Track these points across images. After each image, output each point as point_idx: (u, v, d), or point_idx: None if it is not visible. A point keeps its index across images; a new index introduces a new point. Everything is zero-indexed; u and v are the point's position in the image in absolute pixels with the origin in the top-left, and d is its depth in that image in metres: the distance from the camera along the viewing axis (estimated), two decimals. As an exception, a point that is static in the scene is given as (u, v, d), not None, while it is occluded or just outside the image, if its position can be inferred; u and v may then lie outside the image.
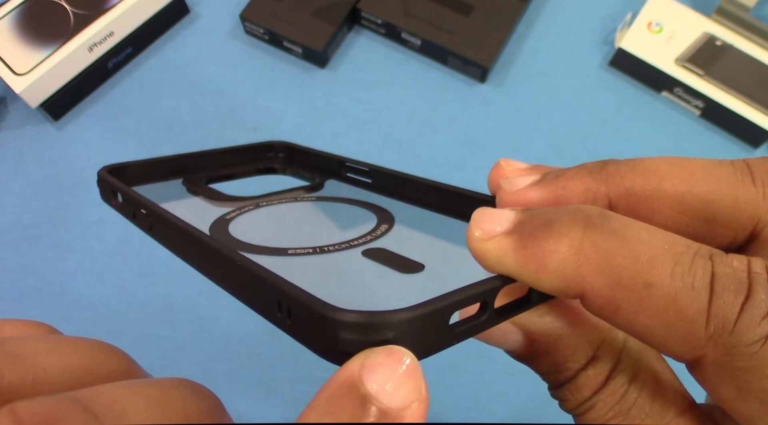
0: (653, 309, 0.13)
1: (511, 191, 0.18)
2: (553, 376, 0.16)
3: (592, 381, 0.15)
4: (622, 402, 0.15)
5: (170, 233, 0.19)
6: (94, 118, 0.55)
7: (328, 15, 0.55)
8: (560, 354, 0.15)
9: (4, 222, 0.52)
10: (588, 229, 0.14)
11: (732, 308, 0.12)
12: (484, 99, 0.56)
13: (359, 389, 0.13)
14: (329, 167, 0.27)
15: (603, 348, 0.15)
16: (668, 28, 0.55)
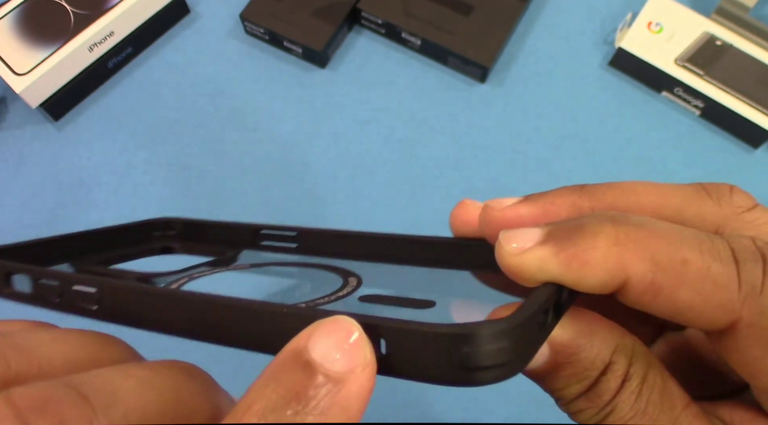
0: (692, 283, 0.14)
1: (499, 209, 0.18)
2: (571, 388, 0.16)
3: (612, 384, 0.16)
4: (638, 402, 0.15)
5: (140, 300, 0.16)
6: (94, 118, 0.55)
7: (328, 15, 0.55)
8: (581, 363, 0.16)
9: (4, 222, 0.52)
10: (617, 224, 0.15)
11: (757, 273, 0.14)
12: (484, 99, 0.56)
13: (303, 356, 0.13)
14: (239, 238, 0.24)
15: (617, 353, 0.16)
16: (668, 28, 0.55)
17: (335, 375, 0.13)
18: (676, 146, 0.54)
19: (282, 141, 0.54)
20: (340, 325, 0.14)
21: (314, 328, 0.14)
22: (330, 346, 0.13)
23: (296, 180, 0.53)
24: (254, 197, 0.53)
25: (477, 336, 0.13)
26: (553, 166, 0.53)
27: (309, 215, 0.52)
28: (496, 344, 0.13)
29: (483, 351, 0.13)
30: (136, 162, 0.54)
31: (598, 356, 0.16)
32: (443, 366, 0.13)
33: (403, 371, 0.14)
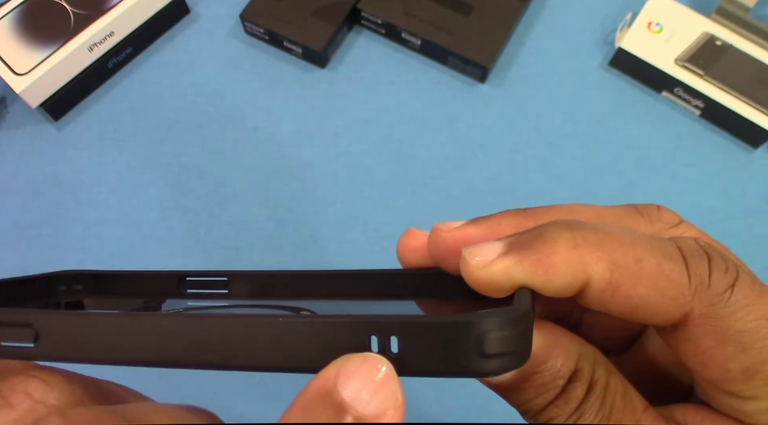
0: (647, 279, 0.15)
1: (447, 230, 0.18)
2: (540, 398, 0.16)
3: (579, 391, 0.16)
4: (603, 407, 0.16)
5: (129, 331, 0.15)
6: (94, 118, 0.55)
7: (328, 15, 0.55)
8: (549, 372, 0.16)
9: (4, 222, 0.52)
10: (573, 229, 0.16)
11: (704, 269, 0.15)
12: (484, 99, 0.56)
13: (334, 397, 0.13)
14: (161, 288, 0.22)
15: (581, 360, 0.17)
16: (668, 28, 0.55)
17: (368, 419, 0.13)
18: (676, 146, 0.54)
19: (282, 141, 0.54)
20: (371, 363, 0.13)
21: (342, 364, 0.14)
22: (360, 386, 0.13)
23: (296, 180, 0.53)
24: (254, 197, 0.53)
25: (488, 323, 0.13)
26: (553, 166, 0.53)
27: (309, 215, 0.52)
28: (505, 331, 0.13)
29: (494, 337, 0.13)
30: (136, 162, 0.54)
31: (564, 364, 0.16)
32: (458, 355, 0.13)
33: (418, 367, 0.14)
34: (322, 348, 0.14)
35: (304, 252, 0.51)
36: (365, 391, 0.13)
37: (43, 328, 0.15)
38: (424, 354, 0.14)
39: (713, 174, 0.53)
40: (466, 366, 0.13)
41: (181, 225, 0.52)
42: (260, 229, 0.52)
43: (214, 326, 0.15)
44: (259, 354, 0.14)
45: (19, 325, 0.15)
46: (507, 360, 0.14)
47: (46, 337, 0.15)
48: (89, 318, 0.15)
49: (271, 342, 0.14)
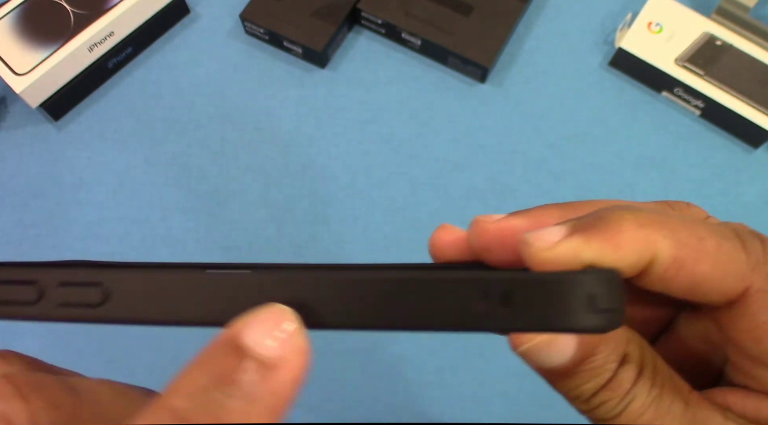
0: (709, 256, 0.16)
1: (492, 221, 0.19)
2: (592, 383, 0.17)
3: (630, 374, 0.16)
4: (653, 389, 0.16)
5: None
6: (94, 118, 0.55)
7: (328, 15, 0.55)
8: (601, 356, 0.16)
9: (4, 222, 0.52)
10: (634, 212, 0.16)
11: (758, 247, 0.16)
12: (484, 99, 0.56)
13: (236, 342, 0.14)
14: None
15: (630, 345, 0.17)
16: (668, 28, 0.55)
17: (267, 361, 0.14)
18: (676, 146, 0.54)
19: (282, 141, 0.54)
20: (275, 313, 0.14)
21: (250, 315, 0.14)
22: (263, 333, 0.14)
23: (296, 180, 0.53)
24: (254, 197, 0.53)
25: (599, 279, 0.14)
26: (553, 166, 0.53)
27: (309, 215, 0.52)
28: (612, 288, 0.14)
29: (604, 293, 0.14)
30: (136, 162, 0.54)
31: (616, 348, 0.16)
32: (569, 310, 0.13)
33: (529, 323, 0.14)
34: (433, 305, 0.14)
35: (304, 252, 0.51)
36: (268, 337, 0.14)
37: (114, 287, 0.15)
38: (536, 309, 0.14)
39: (713, 174, 0.53)
40: (578, 321, 0.14)
41: (181, 225, 0.52)
42: (260, 229, 0.52)
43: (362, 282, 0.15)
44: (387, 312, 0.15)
45: (87, 285, 0.15)
46: (612, 317, 0.14)
47: (118, 297, 0.15)
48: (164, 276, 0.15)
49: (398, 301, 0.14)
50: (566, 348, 0.16)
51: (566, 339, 0.16)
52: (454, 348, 0.48)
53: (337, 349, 0.49)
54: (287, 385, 0.14)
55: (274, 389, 0.14)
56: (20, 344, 0.48)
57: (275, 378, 0.14)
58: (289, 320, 0.14)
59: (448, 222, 0.20)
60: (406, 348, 0.48)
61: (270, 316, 0.14)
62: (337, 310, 0.15)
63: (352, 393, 0.48)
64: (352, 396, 0.48)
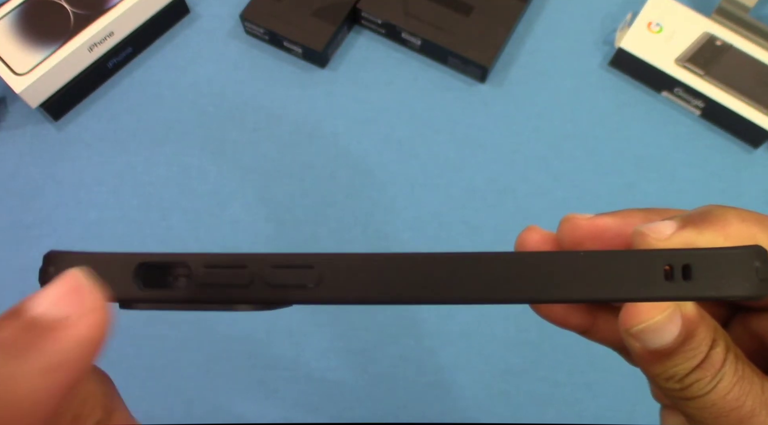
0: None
1: (584, 218, 0.21)
2: (690, 362, 0.18)
3: (720, 355, 0.18)
4: (737, 369, 0.18)
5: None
6: (94, 118, 0.55)
7: (328, 15, 0.55)
8: (698, 337, 0.18)
9: (4, 222, 0.52)
10: (736, 209, 0.18)
11: None
12: (484, 99, 0.56)
13: (17, 306, 0.14)
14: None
15: (717, 330, 0.19)
16: (668, 28, 0.55)
17: (42, 322, 0.14)
18: (676, 146, 0.54)
19: (282, 141, 0.54)
20: (64, 278, 0.14)
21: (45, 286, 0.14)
22: (49, 297, 0.14)
23: (296, 180, 0.53)
24: (254, 197, 0.53)
25: (760, 252, 0.16)
26: (553, 166, 0.53)
27: (309, 215, 0.52)
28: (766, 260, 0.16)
29: (763, 265, 0.16)
30: (136, 162, 0.54)
31: (708, 332, 0.18)
32: (744, 278, 0.16)
33: (709, 291, 0.16)
34: (622, 276, 0.16)
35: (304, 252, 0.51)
36: (51, 301, 0.14)
37: (325, 270, 0.16)
38: (713, 279, 0.16)
39: (713, 174, 0.53)
40: (750, 288, 0.16)
41: (181, 225, 0.52)
42: (260, 229, 0.52)
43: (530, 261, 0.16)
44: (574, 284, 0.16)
45: (302, 267, 0.16)
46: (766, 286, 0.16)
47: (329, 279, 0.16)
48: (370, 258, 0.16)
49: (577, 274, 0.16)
50: (674, 329, 0.18)
51: (676, 319, 0.18)
52: (454, 348, 0.48)
53: (337, 349, 0.49)
54: (72, 345, 0.14)
55: (47, 348, 0.13)
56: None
57: (56, 338, 0.14)
58: (78, 281, 0.14)
59: (448, 222, 0.21)
60: (406, 348, 0.48)
61: (58, 281, 0.14)
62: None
63: (352, 393, 0.48)
64: (352, 396, 0.48)
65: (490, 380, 0.47)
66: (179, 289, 0.17)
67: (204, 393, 0.47)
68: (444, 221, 0.51)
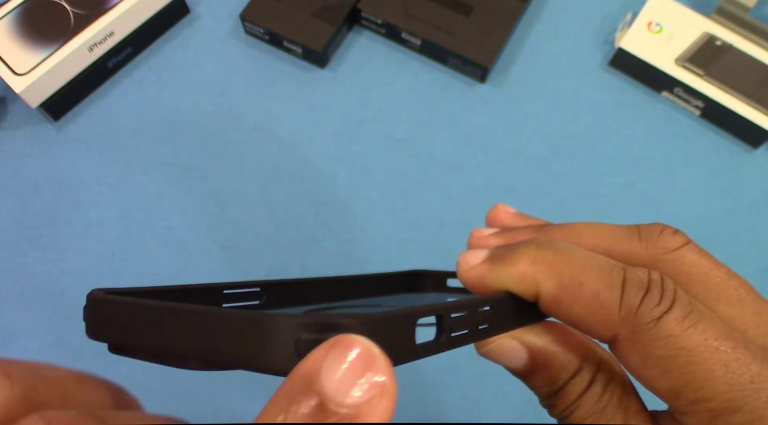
0: (584, 301, 0.18)
1: (478, 237, 0.23)
2: (546, 388, 0.20)
3: (578, 387, 0.19)
4: (599, 403, 0.19)
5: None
6: (94, 118, 0.55)
7: (328, 15, 0.55)
8: (554, 368, 0.19)
9: (4, 222, 0.52)
10: (539, 248, 0.19)
11: (635, 300, 0.18)
12: (484, 99, 0.56)
13: (315, 385, 0.13)
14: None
15: (586, 361, 0.19)
16: (668, 28, 0.55)
17: (350, 411, 0.12)
18: (676, 146, 0.54)
19: (282, 141, 0.54)
20: (352, 345, 0.13)
21: (327, 349, 0.13)
22: (344, 373, 0.13)
23: (296, 180, 0.53)
24: (254, 197, 0.53)
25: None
26: (553, 166, 0.53)
27: (308, 215, 0.52)
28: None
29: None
30: (136, 162, 0.54)
31: (570, 363, 0.19)
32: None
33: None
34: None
35: (304, 252, 0.51)
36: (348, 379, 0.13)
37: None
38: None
39: (713, 174, 0.53)
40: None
41: (181, 225, 0.52)
42: (260, 229, 0.52)
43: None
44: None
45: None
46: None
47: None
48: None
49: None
50: (517, 356, 0.20)
51: (514, 348, 0.19)
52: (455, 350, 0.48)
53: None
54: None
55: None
56: (20, 344, 0.48)
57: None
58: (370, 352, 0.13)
59: (448, 222, 0.23)
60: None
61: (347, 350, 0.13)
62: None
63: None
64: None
65: (490, 380, 0.47)
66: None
67: (204, 393, 0.47)
68: (444, 221, 0.51)
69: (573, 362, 0.19)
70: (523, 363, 0.20)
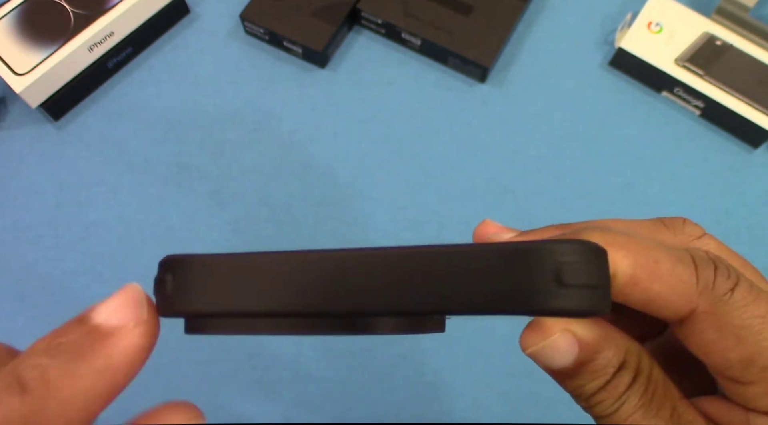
0: (662, 277, 0.18)
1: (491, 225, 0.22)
2: (593, 383, 0.19)
3: (626, 379, 0.19)
4: (645, 393, 0.19)
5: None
6: (94, 118, 0.55)
7: (328, 15, 0.55)
8: (601, 361, 0.19)
9: (4, 222, 0.52)
10: (604, 232, 0.18)
11: (710, 273, 0.18)
12: (484, 99, 0.56)
13: (82, 314, 0.16)
14: None
15: (628, 354, 0.19)
16: (668, 28, 0.55)
17: (103, 329, 0.16)
18: (676, 146, 0.54)
19: (282, 141, 0.54)
20: (125, 290, 0.17)
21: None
22: (110, 307, 0.16)
23: (296, 180, 0.53)
24: (254, 197, 0.53)
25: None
26: (553, 166, 0.53)
27: (308, 215, 0.52)
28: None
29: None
30: (136, 162, 0.54)
31: (615, 356, 0.19)
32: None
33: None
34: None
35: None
36: (112, 310, 0.16)
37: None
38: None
39: (713, 174, 0.53)
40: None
41: (181, 225, 0.52)
42: (260, 229, 0.52)
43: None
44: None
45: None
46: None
47: None
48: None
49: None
50: (569, 352, 0.19)
51: (568, 342, 0.19)
52: (454, 348, 0.48)
53: (337, 349, 0.49)
54: (123, 352, 0.16)
55: (108, 353, 0.15)
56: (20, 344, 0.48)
57: (111, 343, 0.16)
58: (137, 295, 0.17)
59: (448, 222, 0.22)
60: (406, 348, 0.48)
61: (120, 292, 0.17)
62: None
63: (352, 393, 0.48)
64: (352, 396, 0.48)
65: (490, 380, 0.47)
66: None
67: (204, 393, 0.47)
68: (444, 221, 0.51)
69: (618, 354, 0.19)
70: (573, 359, 0.19)
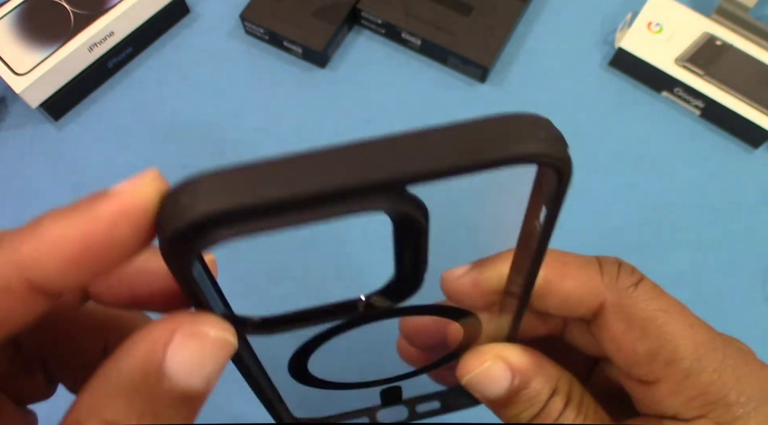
0: (571, 276, 0.20)
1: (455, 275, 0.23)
2: (528, 411, 0.20)
3: (558, 405, 0.20)
4: (578, 417, 0.20)
5: None
6: (94, 118, 0.55)
7: (328, 15, 0.55)
8: (534, 388, 0.20)
9: (4, 222, 0.52)
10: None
11: (614, 269, 0.20)
12: (484, 99, 0.56)
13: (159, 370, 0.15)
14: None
15: (560, 380, 0.21)
16: (668, 28, 0.55)
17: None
18: (676, 146, 0.54)
19: (282, 141, 0.54)
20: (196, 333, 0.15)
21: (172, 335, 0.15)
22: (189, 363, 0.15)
23: (296, 180, 0.53)
24: (254, 197, 0.53)
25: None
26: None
27: (309, 215, 0.52)
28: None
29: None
30: (136, 162, 0.54)
31: (547, 383, 0.20)
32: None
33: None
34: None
35: (304, 252, 0.51)
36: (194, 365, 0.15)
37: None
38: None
39: (713, 174, 0.53)
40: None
41: (181, 225, 0.52)
42: (260, 229, 0.52)
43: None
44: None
45: None
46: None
47: None
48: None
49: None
50: (503, 378, 0.20)
51: (502, 369, 0.20)
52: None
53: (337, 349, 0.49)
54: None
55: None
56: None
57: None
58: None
59: (448, 222, 0.23)
60: (406, 348, 0.48)
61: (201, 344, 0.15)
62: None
63: (352, 393, 0.48)
64: (352, 396, 0.48)
65: (490, 380, 0.47)
66: None
67: (204, 393, 0.47)
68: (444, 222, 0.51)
69: (551, 381, 0.20)
70: (507, 386, 0.20)
